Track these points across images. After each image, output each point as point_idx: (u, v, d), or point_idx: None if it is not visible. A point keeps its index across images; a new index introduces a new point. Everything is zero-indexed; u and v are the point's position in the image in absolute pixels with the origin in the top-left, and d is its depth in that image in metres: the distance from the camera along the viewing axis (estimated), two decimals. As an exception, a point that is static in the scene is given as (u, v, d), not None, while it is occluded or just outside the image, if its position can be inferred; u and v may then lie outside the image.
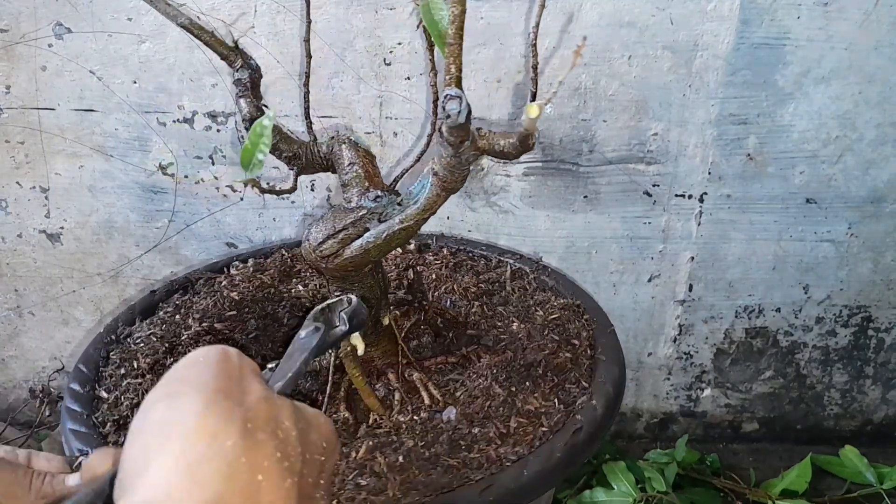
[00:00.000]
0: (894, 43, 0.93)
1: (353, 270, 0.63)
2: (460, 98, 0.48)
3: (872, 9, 0.90)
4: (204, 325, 0.77)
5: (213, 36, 0.61)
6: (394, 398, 0.68)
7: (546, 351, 0.72)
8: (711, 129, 0.98)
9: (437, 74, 0.63)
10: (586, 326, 0.77)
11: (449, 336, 0.78)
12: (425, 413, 0.66)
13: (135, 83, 0.98)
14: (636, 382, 1.18)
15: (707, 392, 1.19)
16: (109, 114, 1.00)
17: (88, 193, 1.06)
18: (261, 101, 0.65)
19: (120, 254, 1.10)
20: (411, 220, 0.58)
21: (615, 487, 1.00)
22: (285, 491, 0.31)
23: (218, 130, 1.00)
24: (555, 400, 0.66)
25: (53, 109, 1.00)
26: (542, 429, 0.62)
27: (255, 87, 0.64)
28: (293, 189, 0.66)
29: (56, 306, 1.15)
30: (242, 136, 1.00)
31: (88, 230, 1.09)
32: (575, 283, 0.87)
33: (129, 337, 0.77)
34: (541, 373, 0.69)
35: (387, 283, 0.70)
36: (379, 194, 0.61)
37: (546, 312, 0.80)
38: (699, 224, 1.04)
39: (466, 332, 0.78)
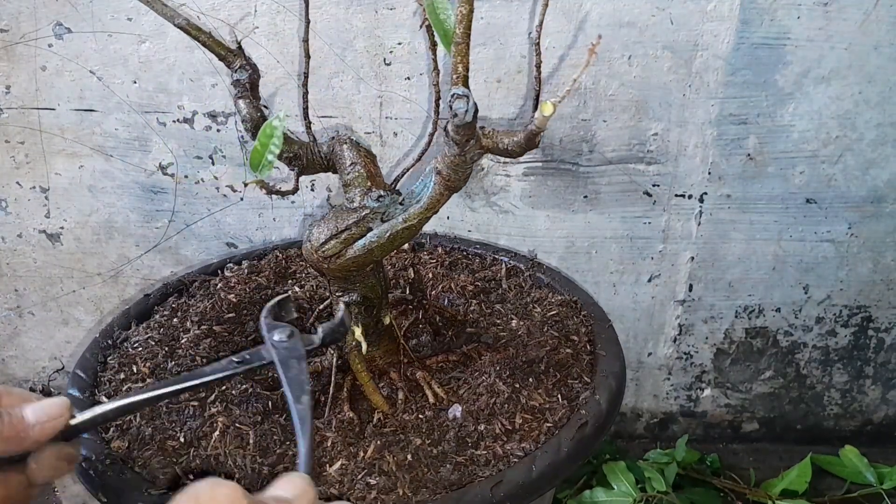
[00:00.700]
0: (894, 43, 0.93)
1: (354, 270, 0.63)
2: (467, 97, 0.48)
3: (872, 9, 0.90)
4: (203, 327, 0.77)
5: (211, 37, 0.61)
6: (397, 397, 0.68)
7: (547, 347, 0.73)
8: (711, 129, 0.98)
9: (440, 74, 0.63)
10: (584, 322, 0.78)
11: (448, 334, 0.78)
12: (430, 411, 0.66)
13: (135, 83, 0.98)
14: (636, 382, 1.18)
15: (707, 392, 1.19)
16: (109, 114, 1.00)
17: (88, 193, 1.06)
18: (260, 101, 0.65)
19: (120, 254, 1.10)
20: (414, 219, 0.59)
21: (615, 487, 1.00)
22: None
23: (218, 130, 1.00)
24: (558, 395, 0.66)
25: (53, 109, 1.00)
26: (547, 424, 0.62)
27: (254, 88, 0.64)
28: (295, 190, 0.66)
29: (56, 306, 1.15)
30: (243, 136, 1.01)
31: (88, 230, 1.09)
32: (570, 280, 0.88)
33: (126, 341, 0.76)
34: (543, 369, 0.70)
35: (387, 283, 0.70)
36: (382, 194, 0.61)
37: (544, 309, 0.81)
38: (699, 224, 1.05)
39: (466, 330, 0.78)
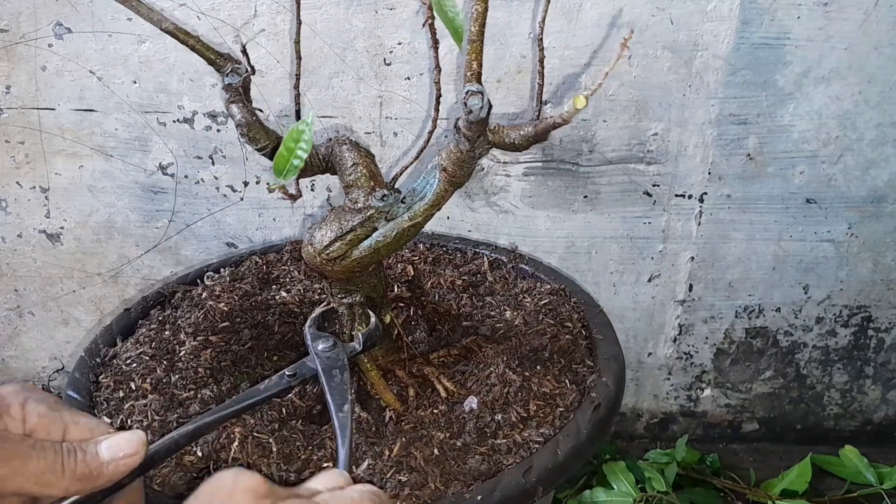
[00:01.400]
0: (894, 43, 0.93)
1: (358, 271, 0.63)
2: (482, 94, 0.49)
3: (872, 9, 0.90)
4: (199, 339, 0.75)
5: (200, 41, 0.60)
6: (408, 393, 0.68)
7: (547, 335, 0.74)
8: (711, 129, 0.98)
9: (440, 72, 0.63)
10: (576, 309, 0.80)
11: (444, 329, 0.78)
12: (444, 405, 0.66)
13: (135, 83, 0.98)
14: (636, 382, 1.18)
15: (707, 392, 1.19)
16: (109, 114, 1.00)
17: (88, 193, 1.06)
18: (252, 104, 0.63)
19: (120, 254, 1.10)
20: (420, 216, 0.59)
21: (615, 487, 1.00)
22: None
23: (218, 130, 1.00)
24: (566, 381, 0.68)
25: (53, 109, 1.00)
26: (560, 409, 0.64)
27: (246, 92, 0.63)
28: (299, 195, 0.66)
29: (56, 306, 1.15)
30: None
31: (88, 230, 1.09)
32: (553, 269, 0.90)
33: (116, 358, 0.74)
34: (547, 356, 0.71)
35: (388, 282, 0.70)
36: (386, 193, 0.61)
37: (534, 299, 0.82)
38: (699, 224, 1.05)
39: (461, 324, 0.78)
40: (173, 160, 1.03)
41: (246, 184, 1.04)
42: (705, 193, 1.02)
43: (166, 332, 0.77)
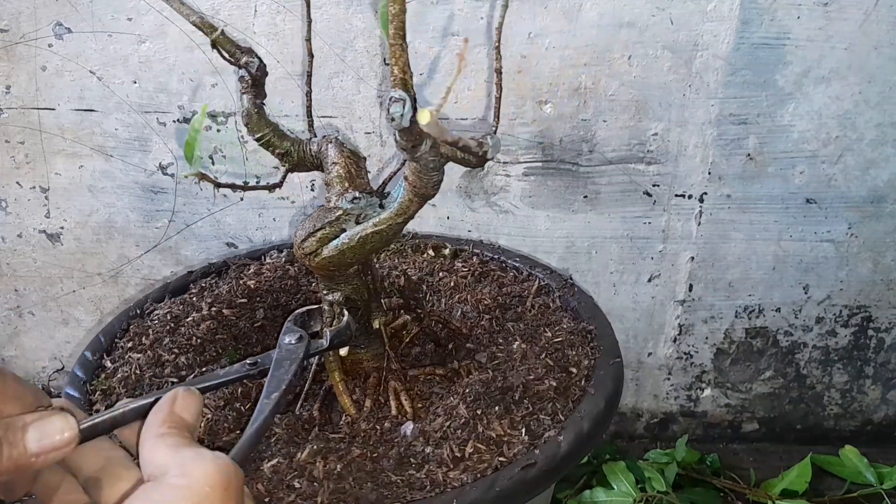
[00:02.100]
0: (894, 43, 0.93)
1: (334, 270, 0.63)
2: (404, 101, 0.45)
3: (872, 9, 0.90)
4: (213, 309, 0.78)
5: (223, 34, 0.61)
6: (364, 404, 0.66)
7: (531, 376, 0.67)
8: (711, 129, 0.98)
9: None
10: (590, 355, 0.71)
11: (449, 347, 0.76)
12: (389, 423, 0.64)
13: (135, 83, 0.98)
14: (636, 382, 1.18)
15: (707, 392, 1.19)
16: (109, 114, 1.00)
17: (88, 193, 1.06)
18: (264, 98, 0.65)
19: (120, 254, 1.10)
20: (384, 224, 0.58)
21: (615, 487, 1.00)
22: None
23: (218, 130, 1.00)
24: (522, 429, 0.61)
25: (53, 109, 1.00)
26: (501, 459, 0.57)
27: (256, 85, 0.65)
28: (280, 185, 0.68)
29: (56, 306, 1.15)
30: (243, 136, 1.01)
31: (88, 230, 1.09)
32: (597, 307, 0.80)
33: (152, 313, 0.80)
34: (517, 398, 0.64)
35: (377, 286, 0.69)
36: (357, 196, 0.61)
37: (553, 334, 0.75)
38: (699, 224, 1.05)
39: (466, 345, 0.75)
40: (173, 160, 1.03)
41: (246, 184, 1.04)
42: (705, 193, 1.02)
43: (194, 298, 0.82)
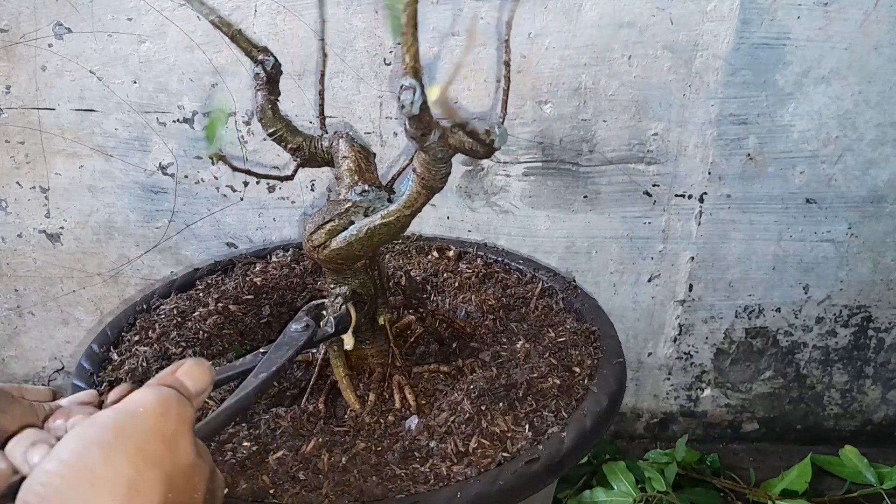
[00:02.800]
0: (894, 43, 0.93)
1: (342, 263, 0.63)
2: (414, 89, 0.45)
3: (872, 9, 0.90)
4: (219, 305, 0.79)
5: (240, 32, 0.62)
6: (368, 398, 0.67)
7: (535, 374, 0.67)
8: (711, 129, 0.98)
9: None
10: (592, 355, 0.71)
11: (453, 346, 0.77)
12: (393, 417, 0.64)
13: (135, 83, 0.98)
14: (636, 382, 1.18)
15: (707, 392, 1.19)
16: (109, 114, 1.00)
17: (88, 193, 1.06)
18: (278, 95, 0.67)
19: (120, 254, 1.10)
20: (392, 217, 0.58)
21: (615, 487, 1.00)
22: None
23: (218, 130, 1.00)
24: (526, 425, 0.61)
25: (53, 109, 1.00)
26: (505, 454, 0.58)
27: (271, 82, 0.66)
28: (291, 177, 0.69)
29: (56, 306, 1.15)
30: (243, 136, 1.01)
31: (88, 230, 1.09)
32: (600, 309, 0.80)
33: (159, 308, 0.81)
34: (520, 395, 0.65)
35: (384, 282, 0.70)
36: (366, 189, 0.61)
37: (556, 335, 0.75)
38: (699, 224, 1.05)
39: (470, 344, 0.76)
40: (173, 160, 1.03)
41: (246, 184, 1.04)
42: (705, 193, 1.02)
43: (201, 294, 0.82)
